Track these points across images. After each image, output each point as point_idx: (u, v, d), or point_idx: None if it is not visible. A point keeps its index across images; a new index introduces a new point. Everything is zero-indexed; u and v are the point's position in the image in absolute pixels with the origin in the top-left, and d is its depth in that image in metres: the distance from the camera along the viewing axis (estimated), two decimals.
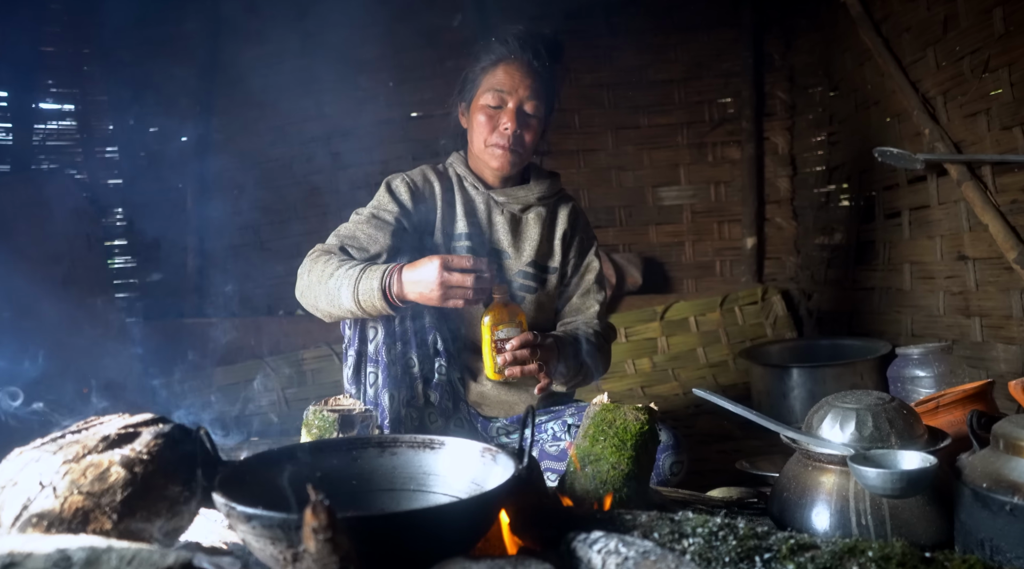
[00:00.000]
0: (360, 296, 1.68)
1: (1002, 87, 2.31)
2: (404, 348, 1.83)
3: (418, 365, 1.85)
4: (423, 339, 1.86)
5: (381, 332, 1.81)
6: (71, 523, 0.94)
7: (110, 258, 3.71)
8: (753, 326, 3.57)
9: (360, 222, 1.87)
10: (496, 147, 1.93)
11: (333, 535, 0.80)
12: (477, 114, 1.95)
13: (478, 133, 1.96)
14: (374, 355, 1.82)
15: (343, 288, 1.69)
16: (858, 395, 1.42)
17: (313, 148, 3.80)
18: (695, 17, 3.73)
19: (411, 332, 1.84)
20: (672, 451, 1.83)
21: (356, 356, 1.85)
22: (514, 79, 1.93)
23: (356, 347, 1.85)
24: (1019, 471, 1.12)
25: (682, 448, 1.85)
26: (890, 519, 1.27)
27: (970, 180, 2.43)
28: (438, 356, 1.87)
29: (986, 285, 2.48)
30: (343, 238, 1.85)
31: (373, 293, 1.66)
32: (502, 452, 1.18)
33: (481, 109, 1.94)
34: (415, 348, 1.84)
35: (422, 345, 1.86)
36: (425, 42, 3.75)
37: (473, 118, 1.97)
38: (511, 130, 1.92)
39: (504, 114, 1.93)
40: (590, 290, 2.06)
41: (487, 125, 1.94)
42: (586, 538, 1.02)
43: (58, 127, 3.69)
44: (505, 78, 1.93)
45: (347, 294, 1.69)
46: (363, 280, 1.67)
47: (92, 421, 1.11)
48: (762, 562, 0.99)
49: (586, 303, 2.06)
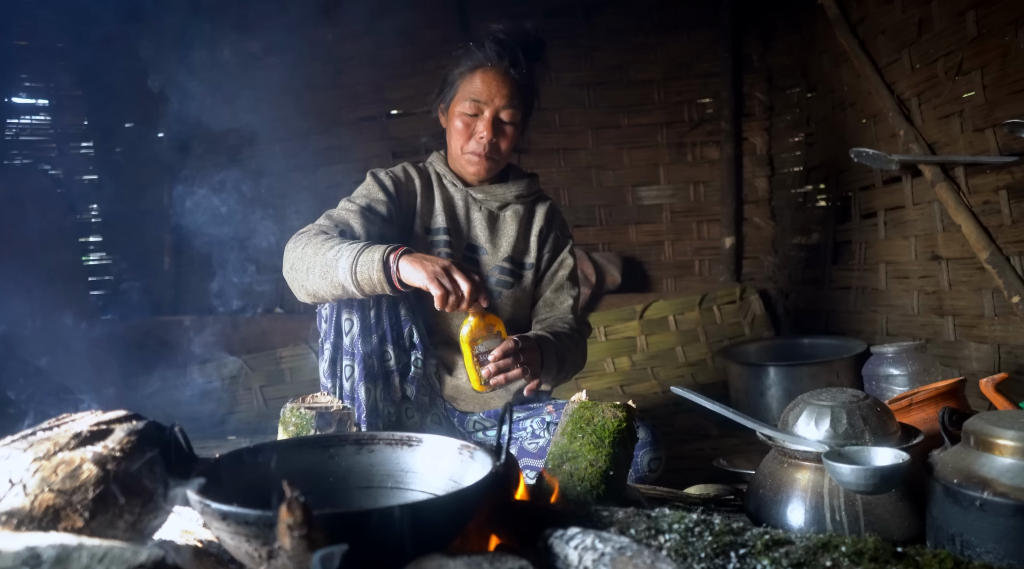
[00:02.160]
0: (359, 267, 1.65)
1: (975, 89, 2.35)
2: (380, 341, 1.83)
3: (394, 358, 1.85)
4: (399, 332, 1.86)
5: (357, 324, 1.81)
6: (41, 521, 0.93)
7: (85, 255, 3.67)
8: (731, 325, 3.59)
9: (353, 212, 1.86)
10: (472, 154, 1.95)
11: (308, 532, 0.80)
12: (454, 120, 1.97)
13: (455, 139, 1.98)
14: (350, 348, 1.82)
15: (342, 258, 1.67)
16: (833, 393, 1.43)
17: (291, 145, 3.78)
18: (675, 18, 3.75)
19: (387, 325, 1.84)
20: (650, 448, 1.84)
21: (332, 349, 1.85)
22: (490, 88, 1.94)
23: (332, 340, 1.85)
24: (989, 467, 1.13)
25: (660, 445, 1.86)
26: (864, 515, 1.29)
27: (944, 181, 2.46)
28: (414, 349, 1.88)
29: (959, 285, 2.52)
30: (337, 223, 1.84)
31: (373, 265, 1.64)
32: (480, 449, 1.17)
33: (458, 116, 1.96)
34: (391, 342, 1.84)
35: (398, 338, 1.86)
36: (406, 40, 3.74)
37: (451, 123, 1.99)
38: (487, 139, 1.93)
39: (480, 122, 1.94)
40: (563, 286, 2.08)
41: (464, 132, 1.95)
42: (563, 534, 1.02)
43: (32, 122, 3.64)
44: (482, 87, 1.94)
45: (345, 265, 1.67)
46: (365, 252, 1.66)
47: (64, 418, 1.09)
48: (737, 557, 1.00)
49: (559, 298, 2.07)
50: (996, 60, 2.25)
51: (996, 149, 2.27)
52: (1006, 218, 2.27)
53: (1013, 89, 2.19)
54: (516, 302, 2.05)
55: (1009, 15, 2.18)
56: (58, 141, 3.66)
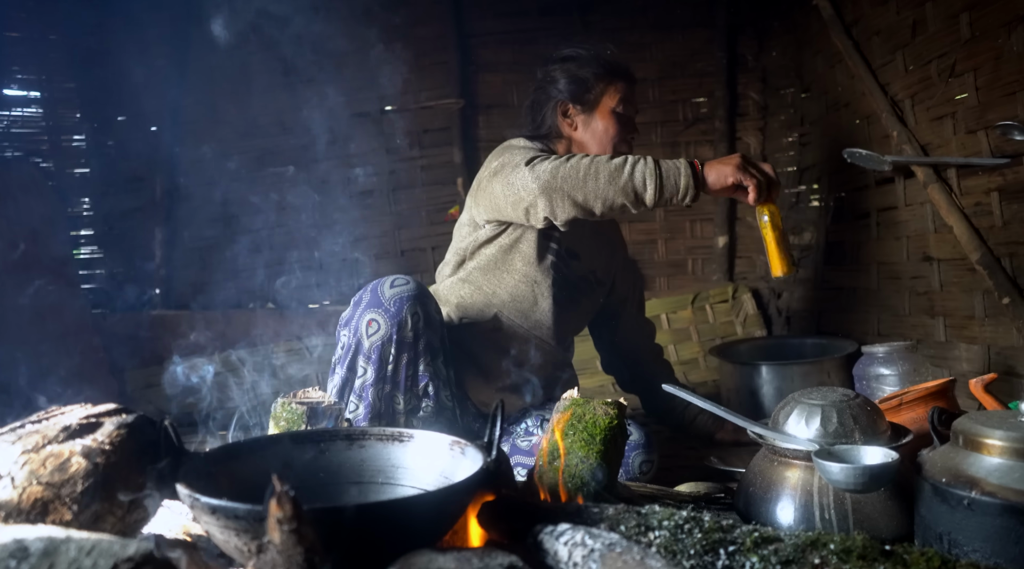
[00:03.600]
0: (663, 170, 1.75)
1: (967, 91, 2.36)
2: (392, 390, 1.80)
3: (403, 403, 1.82)
4: (413, 382, 1.83)
5: (371, 374, 1.77)
6: (30, 514, 0.93)
7: (76, 248, 3.65)
8: (723, 324, 3.60)
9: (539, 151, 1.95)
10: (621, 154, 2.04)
11: (298, 526, 0.80)
12: (608, 117, 2.09)
13: (607, 136, 2.10)
14: (359, 390, 1.79)
15: (638, 165, 1.76)
16: (824, 392, 1.44)
17: (284, 140, 3.76)
18: (670, 17, 3.75)
19: (403, 377, 1.80)
20: (643, 450, 1.84)
21: (341, 381, 1.82)
22: (635, 98, 2.16)
23: (343, 374, 1.82)
24: (977, 466, 1.14)
25: (653, 448, 1.86)
26: (853, 513, 1.30)
27: (936, 182, 2.47)
28: (426, 397, 1.85)
29: (950, 286, 2.53)
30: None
31: (680, 170, 1.75)
32: (471, 445, 1.18)
33: (612, 116, 2.09)
34: (403, 391, 1.81)
35: (411, 386, 1.82)
36: (400, 36, 3.73)
37: (601, 121, 2.10)
38: (633, 138, 2.16)
39: (631, 125, 2.14)
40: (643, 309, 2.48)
41: (618, 130, 2.10)
42: (553, 531, 1.02)
43: (23, 114, 3.61)
44: (631, 94, 2.14)
45: (643, 169, 1.75)
46: (662, 161, 1.77)
47: (53, 411, 1.09)
48: (726, 554, 1.01)
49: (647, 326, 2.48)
50: (989, 62, 2.25)
51: (988, 151, 2.28)
52: (997, 220, 2.28)
53: (1005, 91, 2.20)
54: (584, 314, 2.20)
55: (1002, 17, 2.19)
56: (50, 134, 3.63)
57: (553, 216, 1.83)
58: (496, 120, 3.78)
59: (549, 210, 1.82)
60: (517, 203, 1.86)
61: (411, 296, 1.77)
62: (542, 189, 1.79)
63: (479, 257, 2.07)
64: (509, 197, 1.87)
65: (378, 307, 1.76)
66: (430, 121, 3.76)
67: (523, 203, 1.84)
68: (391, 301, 1.76)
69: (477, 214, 2.05)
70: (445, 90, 3.72)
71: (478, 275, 2.06)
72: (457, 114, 3.72)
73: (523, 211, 1.87)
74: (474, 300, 2.05)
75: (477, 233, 2.07)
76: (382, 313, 1.76)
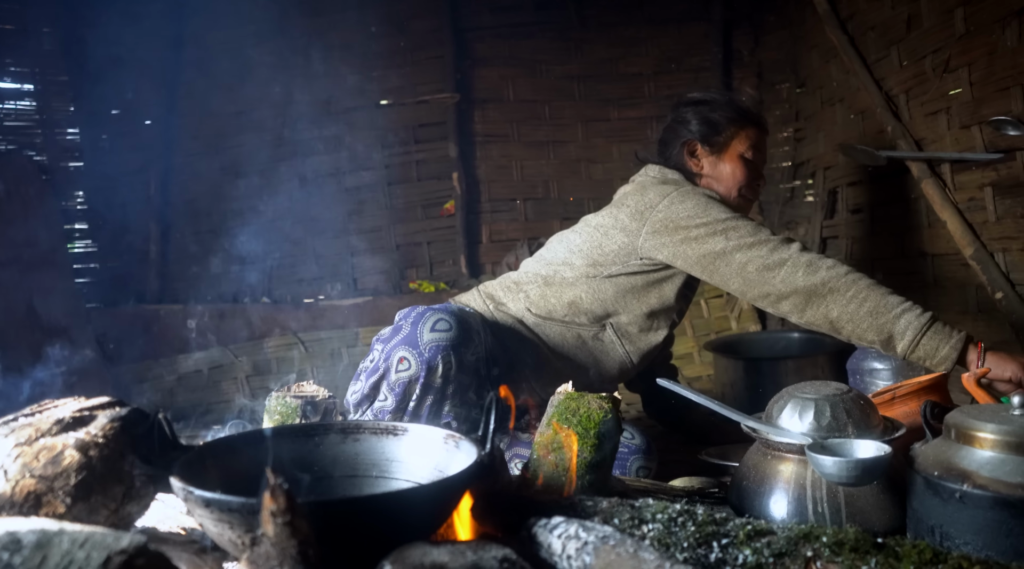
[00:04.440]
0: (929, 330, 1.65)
1: (961, 86, 2.36)
2: (412, 421, 1.76)
3: None
4: (435, 417, 1.79)
5: (391, 404, 1.76)
6: (22, 507, 0.92)
7: (70, 242, 3.64)
8: (718, 319, 3.61)
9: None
10: (748, 198, 2.10)
11: (292, 519, 0.80)
12: (736, 162, 2.08)
13: (734, 179, 2.08)
14: (378, 412, 1.78)
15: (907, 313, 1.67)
16: (817, 386, 1.44)
17: (280, 134, 3.75)
18: (666, 11, 3.75)
19: (424, 416, 1.78)
20: (642, 455, 1.84)
21: (362, 395, 1.79)
22: (765, 145, 2.15)
23: (365, 390, 1.80)
24: (969, 460, 1.15)
25: (653, 456, 1.86)
26: (845, 506, 1.30)
27: (930, 177, 2.48)
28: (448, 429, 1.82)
29: (944, 281, 2.53)
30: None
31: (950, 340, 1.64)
32: (465, 439, 1.18)
33: (742, 161, 2.08)
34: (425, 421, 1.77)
35: (433, 421, 1.78)
36: (396, 30, 3.73)
37: (728, 165, 2.09)
38: (761, 188, 2.14)
39: (759, 171, 2.12)
40: None
41: (746, 175, 2.08)
42: (547, 524, 1.02)
43: (16, 107, 3.59)
44: (761, 142, 2.13)
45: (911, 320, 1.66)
46: (936, 322, 1.66)
47: (46, 404, 1.09)
48: (719, 547, 1.01)
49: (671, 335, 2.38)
50: (983, 57, 2.26)
51: (982, 146, 2.29)
52: (991, 215, 2.29)
53: (999, 86, 2.20)
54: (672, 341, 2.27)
55: (996, 13, 2.19)
56: (43, 127, 3.62)
57: (790, 316, 1.79)
58: (491, 114, 3.77)
59: (795, 310, 1.77)
60: (760, 286, 1.79)
61: (449, 345, 1.71)
62: (808, 292, 1.74)
63: (620, 281, 1.99)
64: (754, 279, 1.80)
65: (413, 347, 1.71)
66: (425, 115, 3.76)
67: (769, 290, 1.78)
68: (428, 346, 1.70)
69: (652, 250, 1.94)
70: (440, 84, 3.72)
71: (610, 293, 1.99)
72: (452, 108, 3.71)
73: (758, 295, 1.81)
74: (590, 307, 2.00)
75: (628, 261, 1.98)
76: (415, 355, 1.70)
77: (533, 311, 2.00)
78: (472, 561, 0.85)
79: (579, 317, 2.00)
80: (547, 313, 2.00)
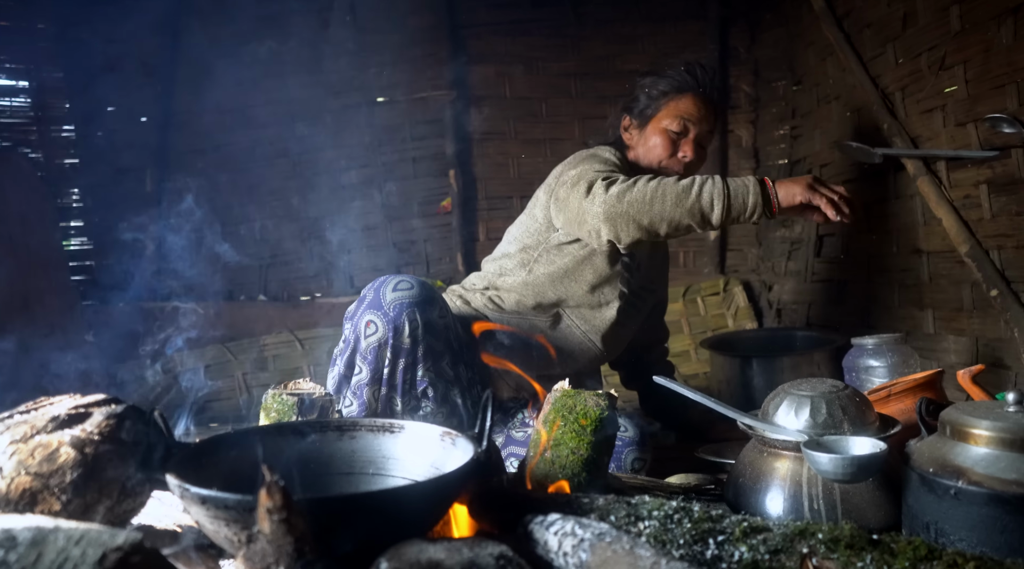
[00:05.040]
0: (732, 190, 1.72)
1: (957, 84, 2.36)
2: (389, 393, 1.78)
3: (401, 406, 1.79)
4: (411, 385, 1.80)
5: (366, 375, 1.76)
6: (18, 504, 0.92)
7: (66, 239, 3.63)
8: (715, 316, 3.61)
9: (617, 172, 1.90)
10: (670, 170, 2.05)
11: (288, 516, 0.80)
12: (657, 135, 2.04)
13: (653, 152, 2.05)
14: (355, 388, 1.78)
15: (705, 185, 1.73)
16: (813, 383, 1.44)
17: (275, 131, 3.75)
18: (662, 8, 3.75)
19: (399, 382, 1.77)
20: (636, 447, 1.85)
21: (339, 376, 1.80)
22: (699, 110, 2.05)
23: (341, 369, 1.80)
24: (964, 456, 1.15)
25: (646, 446, 1.87)
26: (841, 503, 1.30)
27: (926, 175, 2.48)
28: (425, 398, 1.83)
29: (939, 278, 2.54)
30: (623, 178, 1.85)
31: (749, 188, 1.72)
32: (461, 436, 1.18)
33: (663, 132, 2.04)
34: (401, 394, 1.78)
35: (410, 389, 1.79)
36: (392, 27, 3.72)
37: (649, 137, 2.06)
38: (689, 158, 2.05)
39: (685, 143, 2.05)
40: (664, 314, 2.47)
41: (667, 148, 2.04)
42: (543, 521, 1.02)
43: (11, 105, 3.58)
44: (692, 108, 2.04)
45: (711, 189, 1.72)
46: (731, 180, 1.74)
47: (42, 401, 1.09)
48: (716, 544, 1.01)
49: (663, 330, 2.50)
50: (979, 55, 2.26)
51: (977, 144, 2.29)
52: (986, 212, 2.29)
53: (995, 84, 2.21)
54: (637, 324, 2.21)
55: (992, 10, 2.20)
56: (39, 124, 3.61)
57: (617, 239, 1.83)
58: (488, 112, 3.77)
59: (613, 234, 1.82)
60: (582, 224, 1.86)
61: (412, 303, 1.73)
62: (607, 216, 1.79)
63: (549, 264, 2.04)
64: (574, 218, 1.87)
65: (378, 309, 1.73)
66: (422, 112, 3.75)
67: (586, 225, 1.84)
68: (391, 306, 1.72)
69: (554, 217, 2.02)
70: (437, 81, 3.71)
71: (545, 281, 2.03)
72: (449, 106, 3.71)
73: (587, 233, 1.88)
74: (537, 301, 2.05)
75: (550, 235, 2.04)
76: (381, 316, 1.72)
77: (491, 308, 2.06)
78: (468, 558, 0.85)
79: (529, 313, 2.05)
80: (502, 310, 2.06)
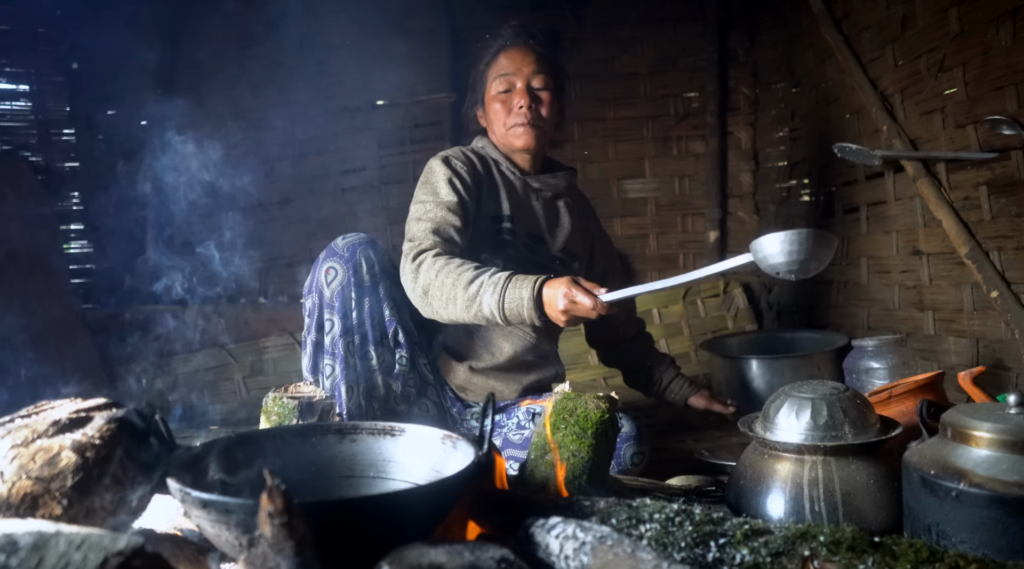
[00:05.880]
0: (506, 304, 1.65)
1: (956, 86, 2.37)
2: (362, 342, 1.83)
3: (376, 358, 1.84)
4: (382, 332, 1.87)
5: (338, 326, 1.81)
6: (19, 508, 0.92)
7: (66, 243, 3.63)
8: (715, 318, 3.61)
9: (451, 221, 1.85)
10: (517, 126, 1.98)
11: (289, 520, 0.80)
12: (492, 104, 2.01)
13: (497, 121, 2.02)
14: (330, 347, 1.82)
15: (486, 295, 1.66)
16: (814, 385, 1.44)
17: (275, 135, 3.75)
18: (661, 11, 3.75)
19: (369, 327, 1.85)
20: (634, 442, 1.85)
21: (313, 347, 1.85)
22: (516, 61, 2.00)
23: (313, 337, 1.85)
24: (965, 458, 1.15)
25: (644, 440, 1.87)
26: (842, 505, 1.30)
27: (925, 177, 2.48)
28: (399, 347, 1.87)
29: (939, 280, 2.54)
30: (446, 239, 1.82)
31: (523, 304, 1.64)
32: (462, 439, 1.18)
33: (494, 99, 2.01)
34: (373, 343, 1.84)
35: (382, 338, 1.86)
36: (391, 30, 3.72)
37: (489, 110, 2.03)
38: (525, 106, 1.98)
39: (515, 95, 1.99)
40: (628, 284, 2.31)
41: (503, 110, 2.00)
42: (544, 524, 1.02)
43: (11, 108, 3.59)
44: (508, 62, 2.00)
45: (491, 302, 1.66)
46: (510, 289, 1.65)
47: (43, 405, 1.09)
48: (717, 547, 1.01)
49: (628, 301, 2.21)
50: (977, 57, 2.26)
51: (977, 145, 2.29)
52: (986, 214, 2.29)
53: (994, 86, 2.21)
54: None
55: (991, 12, 2.20)
56: (39, 127, 3.61)
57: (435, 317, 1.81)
58: None
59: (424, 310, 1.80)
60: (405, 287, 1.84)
61: (362, 242, 1.86)
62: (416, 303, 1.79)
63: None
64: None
65: (333, 256, 1.86)
66: (421, 115, 3.76)
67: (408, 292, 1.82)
68: (344, 248, 1.85)
69: None
70: (436, 84, 3.71)
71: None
72: (448, 108, 3.71)
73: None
74: None
75: None
76: (338, 260, 1.84)
77: None
78: (470, 561, 0.85)
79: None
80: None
